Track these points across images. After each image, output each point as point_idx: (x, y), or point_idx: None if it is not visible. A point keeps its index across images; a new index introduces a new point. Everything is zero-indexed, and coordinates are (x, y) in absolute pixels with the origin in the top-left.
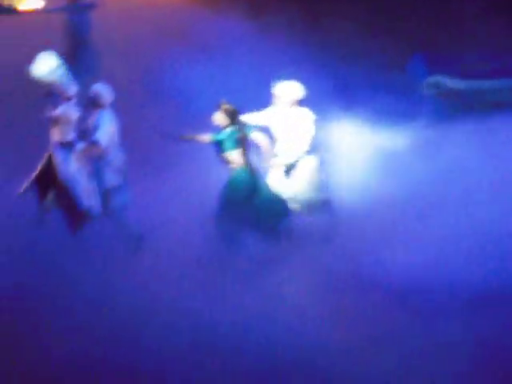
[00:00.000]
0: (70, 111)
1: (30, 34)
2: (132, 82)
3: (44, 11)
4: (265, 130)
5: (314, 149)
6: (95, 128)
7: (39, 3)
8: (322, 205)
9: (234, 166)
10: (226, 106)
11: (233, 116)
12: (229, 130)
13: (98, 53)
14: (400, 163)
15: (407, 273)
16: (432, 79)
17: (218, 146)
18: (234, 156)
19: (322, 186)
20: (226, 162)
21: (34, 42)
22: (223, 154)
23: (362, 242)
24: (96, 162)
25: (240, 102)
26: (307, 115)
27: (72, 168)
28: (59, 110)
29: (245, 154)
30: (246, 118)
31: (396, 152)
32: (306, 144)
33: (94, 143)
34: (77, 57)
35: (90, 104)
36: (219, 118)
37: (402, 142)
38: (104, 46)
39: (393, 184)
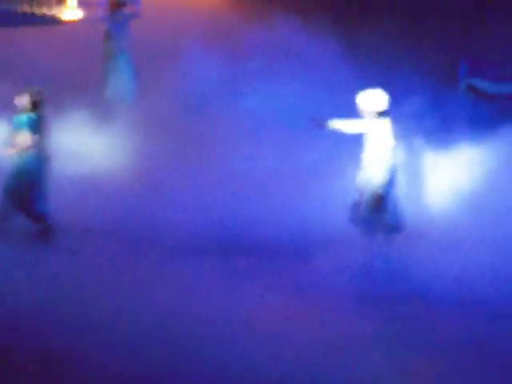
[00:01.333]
0: None
1: (73, 43)
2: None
3: (87, 21)
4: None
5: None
6: None
7: (80, 14)
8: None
9: (25, 149)
10: (30, 93)
11: (34, 104)
12: (28, 114)
13: (135, 63)
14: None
15: None
16: (469, 82)
17: (16, 127)
18: (27, 139)
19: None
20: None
21: (76, 50)
22: (16, 136)
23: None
24: None
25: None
26: (388, 126)
27: None
28: None
29: (39, 139)
30: (337, 123)
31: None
32: (386, 157)
33: None
34: (114, 65)
35: None
36: (21, 100)
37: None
38: (142, 56)
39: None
